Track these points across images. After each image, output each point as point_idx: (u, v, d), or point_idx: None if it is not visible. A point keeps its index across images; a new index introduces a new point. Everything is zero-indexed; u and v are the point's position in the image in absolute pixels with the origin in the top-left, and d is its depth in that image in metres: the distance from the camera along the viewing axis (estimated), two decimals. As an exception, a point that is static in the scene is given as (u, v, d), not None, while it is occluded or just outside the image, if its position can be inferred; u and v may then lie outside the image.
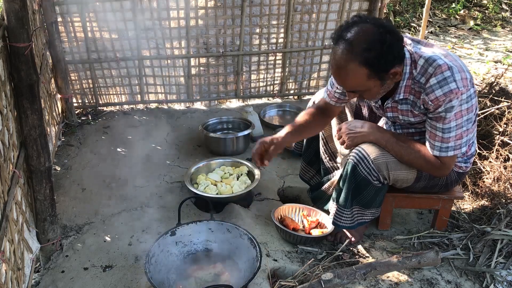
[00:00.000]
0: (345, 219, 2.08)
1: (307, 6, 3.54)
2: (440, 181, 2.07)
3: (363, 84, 1.75)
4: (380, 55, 1.67)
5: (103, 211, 2.49)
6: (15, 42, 1.72)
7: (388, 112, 1.99)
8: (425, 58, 1.78)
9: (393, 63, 1.73)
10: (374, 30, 1.67)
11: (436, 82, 1.74)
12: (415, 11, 6.47)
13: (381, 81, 1.76)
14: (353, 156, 1.97)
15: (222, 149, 3.03)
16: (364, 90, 1.79)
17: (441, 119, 1.79)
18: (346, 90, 1.84)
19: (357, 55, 1.66)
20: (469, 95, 1.77)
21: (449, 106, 1.75)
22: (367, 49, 1.65)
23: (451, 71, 1.73)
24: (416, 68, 1.80)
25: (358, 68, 1.69)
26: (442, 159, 1.88)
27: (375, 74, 1.71)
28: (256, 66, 3.75)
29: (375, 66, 1.69)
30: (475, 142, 2.07)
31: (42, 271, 2.09)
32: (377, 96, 1.86)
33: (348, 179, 2.00)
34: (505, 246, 2.12)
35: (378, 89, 1.80)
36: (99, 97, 3.61)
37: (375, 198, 2.05)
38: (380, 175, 1.96)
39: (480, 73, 4.61)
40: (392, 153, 1.95)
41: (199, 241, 2.09)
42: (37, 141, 1.90)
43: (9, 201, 1.64)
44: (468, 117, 1.81)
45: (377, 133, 1.98)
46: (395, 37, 1.70)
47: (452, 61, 1.77)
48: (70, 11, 3.20)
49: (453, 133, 1.81)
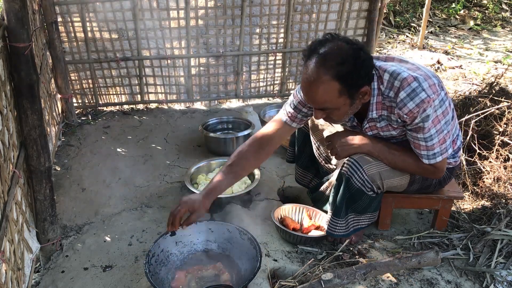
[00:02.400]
0: (339, 228, 2.08)
1: (307, 6, 3.54)
2: (434, 181, 2.09)
3: (334, 101, 1.72)
4: (353, 70, 1.67)
5: (103, 211, 2.49)
6: (15, 42, 1.72)
7: (368, 132, 1.98)
8: (389, 72, 1.78)
9: (364, 80, 1.73)
10: (347, 47, 1.68)
11: (406, 96, 1.74)
12: (415, 11, 6.47)
13: (350, 100, 1.75)
14: (345, 168, 1.96)
15: (222, 149, 3.02)
16: (333, 109, 1.76)
17: (421, 130, 1.79)
18: (315, 108, 1.80)
19: (330, 68, 1.65)
20: (441, 99, 1.77)
21: (424, 116, 1.75)
22: (341, 63, 1.65)
23: (417, 81, 1.73)
24: (383, 83, 1.80)
25: (330, 81, 1.67)
26: (433, 165, 1.89)
27: (346, 90, 1.70)
28: (256, 66, 3.75)
29: (348, 81, 1.68)
30: (459, 135, 2.06)
31: (42, 271, 2.09)
32: (344, 117, 1.84)
33: (342, 190, 1.99)
34: (505, 246, 2.11)
35: (347, 109, 1.78)
36: (99, 97, 3.61)
37: (370, 205, 2.06)
38: (373, 185, 1.96)
39: (480, 73, 4.62)
40: (386, 162, 1.95)
41: (199, 241, 2.09)
42: (37, 141, 1.90)
43: (9, 201, 1.64)
44: (445, 120, 1.81)
45: (369, 144, 1.96)
46: (367, 55, 1.72)
47: (416, 71, 1.77)
48: (70, 11, 3.20)
49: (435, 139, 1.81)
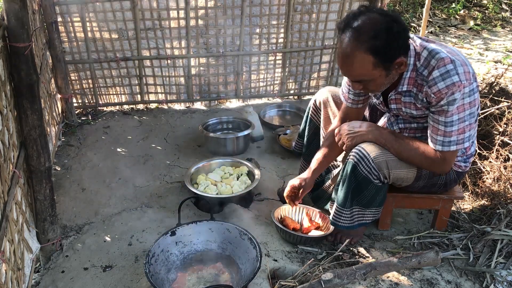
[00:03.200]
0: (344, 219, 2.08)
1: (307, 6, 3.54)
2: (440, 180, 2.07)
3: (368, 73, 1.75)
4: (386, 43, 1.69)
5: (103, 211, 2.49)
6: (15, 42, 1.72)
7: (392, 104, 1.99)
8: (429, 50, 1.80)
9: (398, 53, 1.74)
10: (381, 19, 1.69)
11: (439, 75, 1.75)
12: (415, 11, 6.47)
13: (386, 71, 1.77)
14: (353, 156, 1.97)
15: (222, 149, 3.03)
16: (369, 80, 1.79)
17: (444, 113, 1.79)
18: (351, 80, 1.85)
19: (363, 42, 1.68)
20: (472, 89, 1.77)
21: (451, 99, 1.75)
22: (374, 36, 1.67)
23: (453, 64, 1.74)
24: (419, 60, 1.81)
25: (364, 55, 1.70)
26: (444, 154, 1.87)
27: (381, 63, 1.73)
28: (256, 66, 3.75)
29: (381, 54, 1.70)
30: (475, 142, 2.07)
31: (42, 271, 2.09)
32: (381, 87, 1.86)
33: (348, 178, 2.00)
34: (505, 246, 2.12)
35: (383, 79, 1.80)
36: (99, 97, 3.61)
37: (375, 197, 2.05)
38: (380, 173, 1.96)
39: (480, 73, 4.61)
40: (392, 151, 1.96)
41: (199, 241, 2.09)
42: (37, 141, 1.90)
43: (9, 201, 1.64)
44: (470, 111, 1.80)
45: (375, 131, 1.98)
46: (401, 26, 1.72)
47: (455, 56, 1.78)
48: (70, 11, 3.20)
49: (455, 127, 1.81)
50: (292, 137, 3.11)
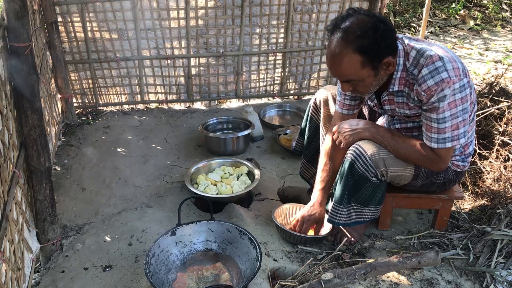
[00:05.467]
0: (340, 216, 2.08)
1: (307, 6, 3.54)
2: (438, 179, 2.08)
3: (357, 73, 1.79)
4: (373, 41, 1.73)
5: (103, 211, 2.49)
6: (15, 42, 1.72)
7: (386, 105, 2.01)
8: (417, 49, 1.83)
9: (386, 52, 1.78)
10: (368, 20, 1.75)
11: (428, 72, 1.78)
12: (415, 11, 6.47)
13: (374, 71, 1.80)
14: (350, 154, 1.99)
15: (222, 149, 3.03)
16: (358, 80, 1.82)
17: (435, 110, 1.81)
18: (341, 80, 1.88)
19: (351, 42, 1.73)
20: (462, 84, 1.78)
21: (441, 96, 1.77)
22: (361, 36, 1.72)
23: (442, 61, 1.76)
24: (409, 60, 1.85)
25: (352, 55, 1.74)
26: (439, 151, 1.88)
27: (369, 62, 1.76)
28: (256, 66, 3.75)
29: (369, 53, 1.74)
30: (473, 141, 2.07)
31: (42, 271, 2.09)
32: (370, 88, 1.88)
33: (346, 176, 2.01)
34: (505, 246, 2.12)
35: (372, 80, 1.83)
36: (99, 97, 3.61)
37: (373, 195, 2.05)
38: (377, 171, 1.97)
39: (480, 73, 4.62)
40: (389, 148, 1.97)
41: (199, 241, 2.09)
42: (37, 141, 1.90)
43: (9, 201, 1.64)
44: (463, 107, 1.81)
45: (372, 129, 2.00)
46: (388, 27, 1.77)
47: (444, 53, 1.80)
48: (70, 11, 3.20)
49: (448, 123, 1.82)
50: (292, 137, 3.11)
